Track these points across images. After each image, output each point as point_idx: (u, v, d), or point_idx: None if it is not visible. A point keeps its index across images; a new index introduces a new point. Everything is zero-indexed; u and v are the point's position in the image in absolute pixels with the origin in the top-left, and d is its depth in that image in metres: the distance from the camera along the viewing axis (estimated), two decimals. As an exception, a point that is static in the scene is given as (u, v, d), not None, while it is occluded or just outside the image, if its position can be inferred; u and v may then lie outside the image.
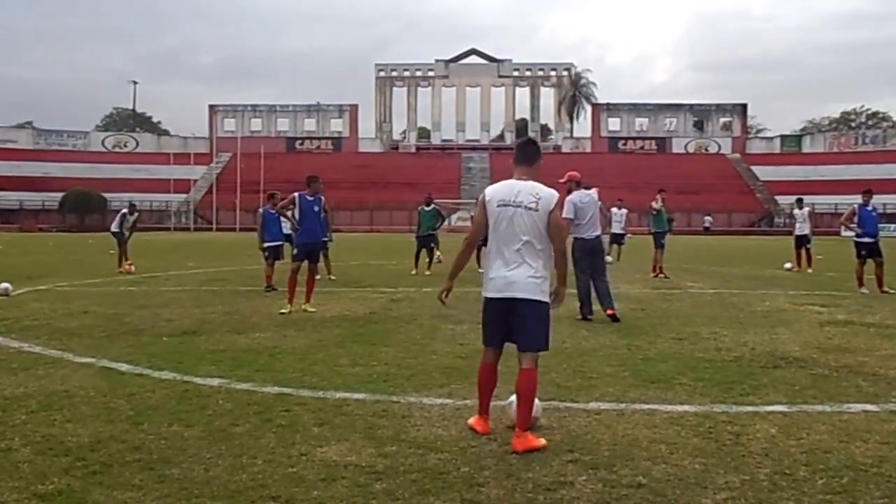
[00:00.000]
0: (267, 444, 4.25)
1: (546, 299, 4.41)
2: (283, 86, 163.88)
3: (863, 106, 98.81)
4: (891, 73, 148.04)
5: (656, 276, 15.93)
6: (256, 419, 4.74)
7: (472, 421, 4.57)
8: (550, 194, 4.41)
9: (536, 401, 4.47)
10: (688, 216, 61.65)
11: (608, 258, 17.62)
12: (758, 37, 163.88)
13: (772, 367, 6.49)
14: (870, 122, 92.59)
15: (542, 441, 4.26)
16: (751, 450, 4.22)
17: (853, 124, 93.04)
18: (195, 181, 73.16)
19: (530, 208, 4.33)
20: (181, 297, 11.91)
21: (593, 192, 10.04)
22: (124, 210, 18.34)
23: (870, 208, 13.42)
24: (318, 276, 11.17)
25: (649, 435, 4.48)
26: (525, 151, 4.62)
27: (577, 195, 9.83)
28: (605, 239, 18.21)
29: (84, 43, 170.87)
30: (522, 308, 4.34)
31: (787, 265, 18.30)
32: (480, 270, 11.46)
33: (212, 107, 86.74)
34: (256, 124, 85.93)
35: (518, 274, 4.33)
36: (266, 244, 13.09)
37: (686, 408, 5.11)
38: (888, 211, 53.77)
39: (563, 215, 10.30)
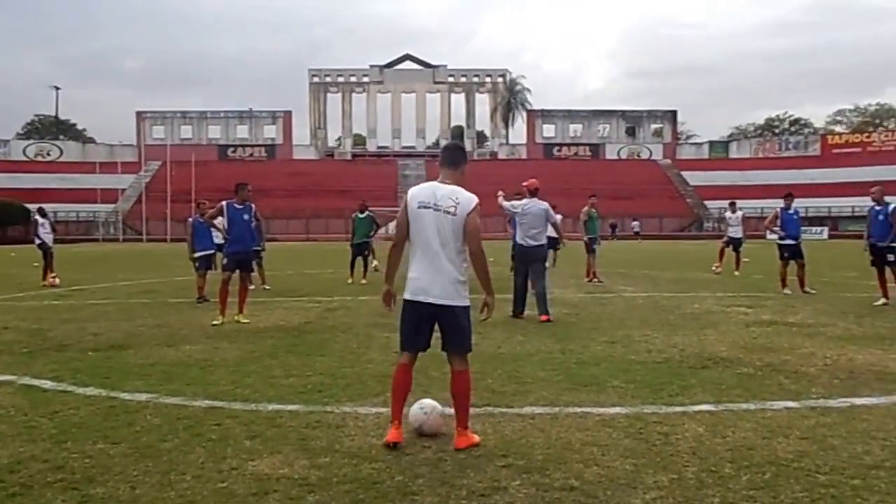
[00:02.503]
0: (196, 459, 4.15)
1: (466, 303, 4.45)
2: (214, 92, 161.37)
3: (786, 112, 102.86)
4: (813, 81, 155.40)
5: (590, 280, 16.20)
6: (186, 434, 4.63)
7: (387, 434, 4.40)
8: (469, 199, 4.41)
9: (439, 408, 4.56)
10: (621, 221, 62.97)
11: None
12: (689, 45, 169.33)
13: (700, 368, 6.67)
14: (792, 129, 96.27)
15: (478, 437, 4.41)
16: (679, 449, 4.32)
17: (777, 130, 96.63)
18: (123, 190, 70.98)
19: (449, 212, 4.35)
20: (109, 310, 11.54)
21: (545, 204, 10.14)
22: (35, 217, 17.83)
23: (791, 212, 13.96)
24: (251, 286, 10.99)
25: (582, 438, 4.55)
26: (452, 154, 4.63)
27: (523, 202, 10.07)
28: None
29: (1, 46, 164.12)
30: (446, 313, 4.38)
31: (714, 267, 18.81)
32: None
33: (139, 113, 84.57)
34: (186, 131, 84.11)
35: (438, 279, 4.36)
36: (197, 254, 12.82)
37: (618, 409, 5.21)
38: (810, 214, 56.12)
39: (504, 211, 10.47)
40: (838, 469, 3.97)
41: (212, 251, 13.04)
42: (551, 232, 19.84)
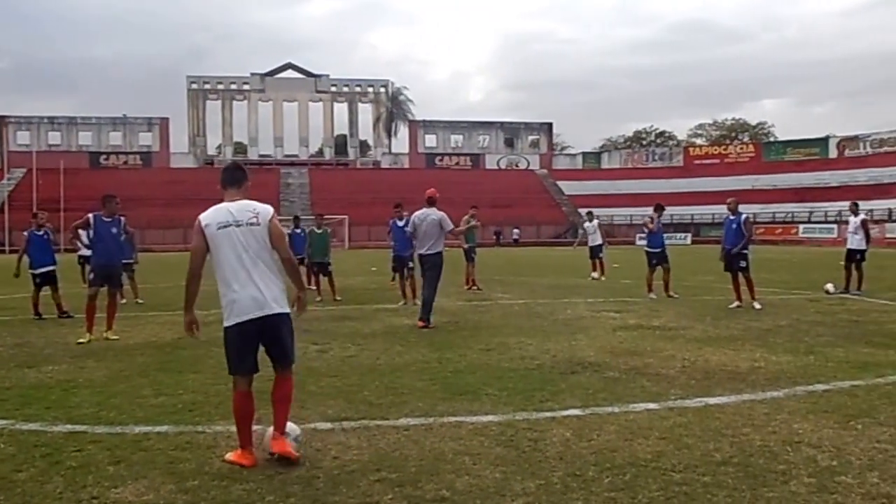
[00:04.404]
0: (54, 489, 3.94)
1: (289, 310, 4.54)
2: (85, 97, 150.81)
3: (652, 126, 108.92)
4: (676, 96, 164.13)
5: (469, 288, 16.52)
6: (43, 462, 4.38)
7: (233, 457, 4.38)
8: (266, 207, 4.56)
9: (294, 425, 4.53)
10: (502, 229, 64.55)
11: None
12: (563, 60, 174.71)
13: (570, 373, 6.95)
14: (658, 141, 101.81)
15: (297, 453, 4.38)
16: (547, 454, 4.49)
17: (644, 142, 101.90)
18: (-18, 199, 65.84)
19: (252, 224, 4.43)
20: (-41, 330, 10.70)
21: (440, 214, 10.44)
22: None
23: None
24: (122, 301, 10.52)
25: (455, 447, 4.64)
26: (232, 175, 4.64)
27: (419, 213, 10.39)
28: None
29: None
30: (276, 322, 4.42)
31: (594, 274, 19.67)
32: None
33: (2, 118, 78.91)
34: (55, 138, 79.32)
35: (263, 291, 4.39)
36: (37, 270, 12.17)
37: (490, 418, 5.34)
38: (675, 221, 59.49)
39: (407, 228, 10.74)
40: (692, 467, 4.24)
41: (52, 267, 12.33)
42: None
